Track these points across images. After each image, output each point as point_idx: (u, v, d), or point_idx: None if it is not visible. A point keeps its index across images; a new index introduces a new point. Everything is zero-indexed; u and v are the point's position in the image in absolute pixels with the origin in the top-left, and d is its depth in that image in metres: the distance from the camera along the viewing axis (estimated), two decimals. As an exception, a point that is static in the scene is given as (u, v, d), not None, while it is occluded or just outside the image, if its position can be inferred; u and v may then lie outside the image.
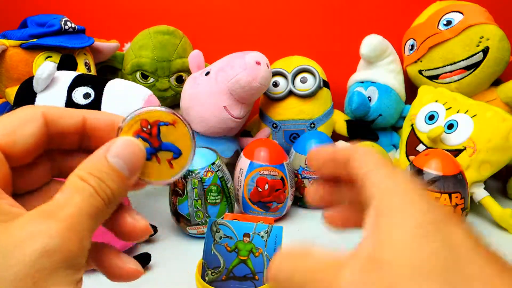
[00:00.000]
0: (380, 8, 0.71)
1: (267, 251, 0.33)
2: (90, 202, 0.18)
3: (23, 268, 0.15)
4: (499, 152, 0.48)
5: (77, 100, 0.36)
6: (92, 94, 0.37)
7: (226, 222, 0.34)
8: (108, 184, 0.19)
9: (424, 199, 0.18)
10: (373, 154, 0.22)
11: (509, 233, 0.48)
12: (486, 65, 0.57)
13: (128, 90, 0.38)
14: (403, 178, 0.19)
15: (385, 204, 0.18)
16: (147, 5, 0.71)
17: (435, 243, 0.16)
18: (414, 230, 0.16)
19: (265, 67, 0.53)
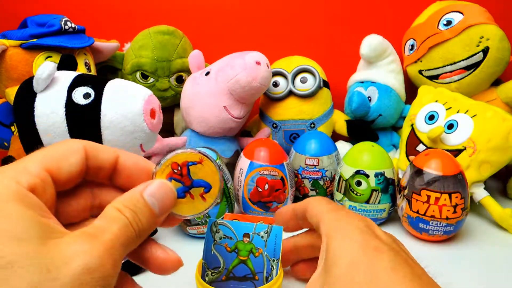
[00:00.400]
0: (380, 8, 0.71)
1: (267, 251, 0.33)
2: (124, 231, 0.21)
3: (69, 282, 0.17)
4: (499, 152, 0.48)
5: (77, 100, 0.36)
6: (92, 94, 0.36)
7: (225, 223, 0.34)
8: (141, 218, 0.22)
9: (359, 235, 0.25)
10: (323, 203, 0.30)
11: (509, 233, 0.48)
12: (486, 65, 0.57)
13: (128, 90, 0.37)
14: (346, 220, 0.27)
15: (331, 240, 0.26)
16: (147, 5, 0.71)
17: (361, 270, 0.23)
18: (347, 268, 0.24)
19: (265, 67, 0.53)
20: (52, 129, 0.35)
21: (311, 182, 0.52)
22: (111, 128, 0.36)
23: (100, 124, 0.36)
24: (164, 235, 0.47)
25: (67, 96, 0.36)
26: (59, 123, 0.35)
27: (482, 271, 0.40)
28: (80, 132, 0.36)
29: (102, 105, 0.36)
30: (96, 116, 0.36)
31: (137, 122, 0.36)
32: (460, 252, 0.44)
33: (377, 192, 0.47)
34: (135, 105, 0.36)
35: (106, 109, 0.36)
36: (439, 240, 0.45)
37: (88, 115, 0.36)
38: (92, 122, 0.36)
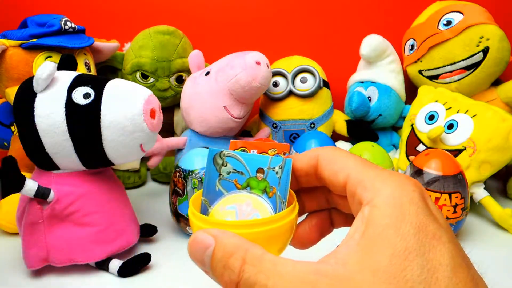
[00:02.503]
0: (380, 8, 0.71)
1: (279, 192, 0.27)
2: None
3: None
4: (499, 152, 0.48)
5: (77, 100, 0.36)
6: (92, 94, 0.36)
7: (235, 154, 0.28)
8: None
9: (415, 216, 0.18)
10: (346, 154, 0.23)
11: (509, 233, 0.48)
12: (486, 65, 0.57)
13: (128, 90, 0.37)
14: (396, 186, 0.20)
15: (377, 216, 0.19)
16: (147, 5, 0.71)
17: (414, 264, 0.17)
18: (394, 258, 0.17)
19: (265, 67, 0.53)
20: (52, 129, 0.35)
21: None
22: (111, 128, 0.36)
23: (100, 124, 0.36)
24: (164, 235, 0.47)
25: (67, 96, 0.35)
26: (59, 123, 0.35)
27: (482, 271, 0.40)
28: (80, 132, 0.36)
29: (102, 105, 0.36)
30: (96, 116, 0.35)
31: (137, 122, 0.36)
32: (460, 252, 0.44)
33: (377, 192, 0.46)
34: (135, 105, 0.36)
35: (106, 109, 0.36)
36: (439, 240, 0.45)
37: (88, 115, 0.35)
38: (92, 122, 0.35)
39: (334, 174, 0.23)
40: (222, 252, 0.20)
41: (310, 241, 0.27)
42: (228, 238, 0.20)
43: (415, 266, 0.17)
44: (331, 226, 0.28)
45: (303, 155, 0.26)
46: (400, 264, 0.17)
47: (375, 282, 0.17)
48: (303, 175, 0.26)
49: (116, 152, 0.37)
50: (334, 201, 0.26)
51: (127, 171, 0.62)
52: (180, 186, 0.44)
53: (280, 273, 0.18)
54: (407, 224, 0.18)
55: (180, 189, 0.44)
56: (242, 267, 0.19)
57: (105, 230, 0.39)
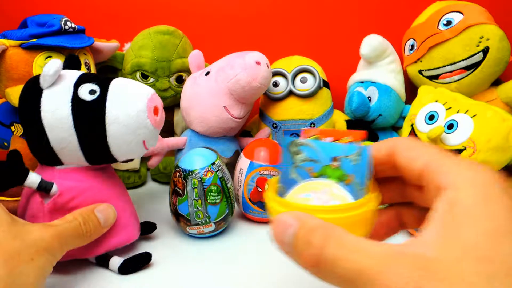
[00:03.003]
0: (380, 8, 0.71)
1: (357, 179, 0.26)
2: (74, 228, 0.35)
3: (30, 244, 0.31)
4: (499, 152, 0.48)
5: (82, 96, 0.36)
6: (97, 90, 0.37)
7: (310, 143, 0.27)
8: (90, 224, 0.37)
9: (501, 196, 0.18)
10: (423, 145, 0.23)
11: (509, 233, 0.48)
12: (486, 65, 0.57)
13: (132, 88, 0.38)
14: (480, 169, 0.19)
15: (462, 197, 0.18)
16: (147, 5, 0.71)
17: (504, 249, 0.16)
18: (485, 236, 0.16)
19: (265, 67, 0.53)
20: (58, 124, 0.36)
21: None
22: (116, 124, 0.36)
23: (105, 120, 0.36)
24: (164, 235, 0.47)
25: (73, 92, 0.36)
26: (65, 118, 0.36)
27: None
28: (85, 128, 0.36)
29: (107, 101, 0.37)
30: (101, 112, 0.36)
31: (141, 119, 0.37)
32: (460, 252, 0.44)
33: (377, 192, 0.46)
34: (139, 102, 0.37)
35: (111, 105, 0.36)
36: (439, 240, 0.45)
37: (93, 110, 0.36)
38: (97, 118, 0.36)
39: (412, 161, 0.22)
40: (305, 230, 0.20)
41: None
42: (311, 219, 0.21)
43: (507, 244, 0.16)
44: (399, 226, 0.27)
45: (379, 143, 0.25)
46: (491, 242, 0.16)
47: (465, 260, 0.16)
48: (378, 163, 0.25)
49: (119, 148, 0.38)
50: (409, 193, 0.26)
51: (127, 171, 0.62)
52: (180, 186, 0.44)
53: (364, 249, 0.18)
54: (495, 204, 0.17)
55: (180, 189, 0.44)
56: (325, 243, 0.19)
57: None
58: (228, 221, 0.47)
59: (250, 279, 0.39)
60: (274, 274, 0.40)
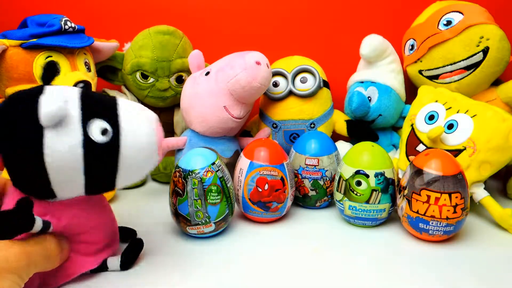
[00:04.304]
0: (380, 8, 0.71)
1: None
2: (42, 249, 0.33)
3: None
4: (499, 152, 0.48)
5: (95, 138, 0.32)
6: (109, 129, 0.33)
7: None
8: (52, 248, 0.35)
9: None
10: None
11: (509, 233, 0.48)
12: (486, 65, 0.57)
13: (142, 125, 0.35)
14: None
15: None
16: (147, 5, 0.71)
17: None
18: None
19: (265, 67, 0.53)
20: (65, 167, 0.32)
21: (311, 182, 0.52)
22: (128, 168, 0.34)
23: (118, 164, 0.34)
24: (164, 235, 0.47)
25: (83, 133, 0.32)
26: (75, 162, 0.32)
27: (482, 271, 0.40)
28: (97, 171, 0.33)
29: (122, 145, 0.33)
30: (116, 156, 0.33)
31: (153, 159, 0.36)
32: (460, 252, 0.44)
33: (377, 192, 0.47)
34: (152, 141, 0.35)
35: (125, 148, 0.33)
36: (439, 240, 0.45)
37: (108, 154, 0.33)
38: (111, 162, 0.33)
39: None
40: None
41: None
42: None
43: None
44: None
45: None
46: None
47: None
48: None
49: (124, 183, 0.36)
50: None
51: (127, 171, 0.62)
52: (180, 186, 0.44)
53: None
54: None
55: (180, 189, 0.44)
56: None
57: (97, 244, 0.39)
58: (228, 221, 0.47)
59: (250, 279, 0.39)
60: (274, 274, 0.40)
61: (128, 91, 0.65)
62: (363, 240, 0.47)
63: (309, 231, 0.49)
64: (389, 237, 0.47)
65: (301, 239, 0.47)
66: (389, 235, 0.48)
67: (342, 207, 0.49)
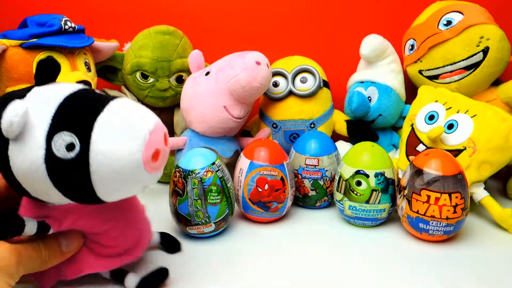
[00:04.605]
0: (380, 8, 0.71)
1: None
2: (33, 248, 0.32)
3: None
4: (499, 152, 0.48)
5: (59, 154, 0.28)
6: (76, 144, 0.28)
7: None
8: (49, 248, 0.33)
9: None
10: None
11: (509, 233, 0.48)
12: (486, 65, 0.57)
13: (122, 134, 0.28)
14: None
15: None
16: (147, 5, 0.71)
17: None
18: None
19: (265, 67, 0.53)
20: (33, 180, 0.29)
21: (311, 182, 0.52)
22: (104, 184, 0.29)
23: (90, 180, 0.28)
24: (164, 235, 0.47)
25: (46, 147, 0.28)
26: (40, 177, 0.29)
27: (482, 271, 0.40)
28: (67, 187, 0.29)
29: (91, 159, 0.28)
30: (85, 172, 0.28)
31: (137, 174, 0.29)
32: (460, 252, 0.44)
33: (377, 192, 0.47)
34: (133, 156, 0.28)
35: (96, 164, 0.28)
36: (439, 240, 0.45)
37: (74, 171, 0.28)
38: (80, 178, 0.28)
39: None
40: None
41: None
42: None
43: None
44: None
45: None
46: None
47: None
48: None
49: (112, 198, 0.31)
50: None
51: (127, 171, 0.62)
52: (180, 186, 0.44)
53: None
54: None
55: (180, 189, 0.44)
56: None
57: (112, 247, 0.36)
58: (228, 221, 0.47)
59: (250, 279, 0.39)
60: (274, 274, 0.40)
61: (128, 91, 0.65)
62: (363, 240, 0.47)
63: (309, 231, 0.49)
64: (389, 237, 0.47)
65: (301, 239, 0.47)
66: (389, 235, 0.48)
67: (342, 207, 0.49)
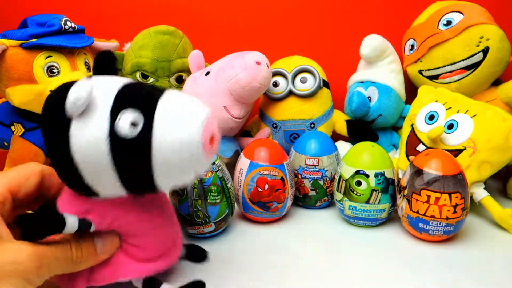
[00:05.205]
0: (380, 8, 0.71)
1: None
2: (62, 250, 0.30)
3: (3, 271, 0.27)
4: (499, 152, 0.48)
5: (122, 132, 0.28)
6: (140, 122, 0.28)
7: None
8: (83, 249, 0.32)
9: None
10: None
11: (509, 233, 0.48)
12: (486, 65, 0.57)
13: (184, 115, 0.28)
14: None
15: None
16: (147, 5, 0.71)
17: None
18: None
19: (265, 67, 0.53)
20: (93, 162, 0.29)
21: (311, 182, 0.52)
22: (164, 165, 0.29)
23: (151, 160, 0.28)
24: (164, 235, 0.47)
25: (109, 124, 0.28)
26: (102, 156, 0.28)
27: (482, 271, 0.40)
28: (128, 168, 0.29)
29: (153, 137, 0.28)
30: (147, 151, 0.28)
31: (195, 155, 0.29)
32: (460, 252, 0.44)
33: (377, 192, 0.47)
34: (193, 137, 0.28)
35: (158, 143, 0.28)
36: (439, 240, 0.45)
37: (137, 151, 0.28)
38: (142, 158, 0.28)
39: None
40: None
41: None
42: None
43: None
44: None
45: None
46: None
47: None
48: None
49: (168, 183, 0.31)
50: None
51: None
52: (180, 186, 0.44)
53: None
54: None
55: (180, 189, 0.44)
56: None
57: (147, 250, 0.35)
58: (228, 221, 0.47)
59: (250, 279, 0.39)
60: (274, 274, 0.40)
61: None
62: (363, 240, 0.47)
63: (309, 231, 0.49)
64: (389, 237, 0.47)
65: (301, 239, 0.47)
66: (389, 235, 0.48)
67: (342, 207, 0.49)
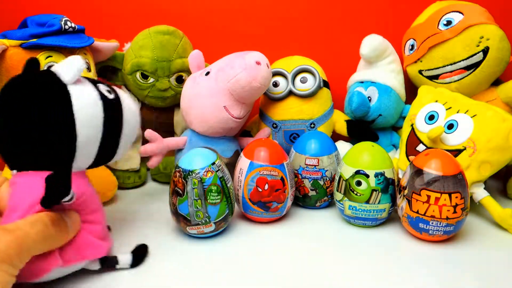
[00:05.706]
0: (380, 8, 0.71)
1: None
2: (41, 230, 0.32)
3: None
4: (499, 152, 0.48)
5: (106, 94, 0.37)
6: (111, 90, 0.38)
7: None
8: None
9: None
10: None
11: (509, 233, 0.48)
12: (486, 65, 0.57)
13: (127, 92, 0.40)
14: None
15: None
16: (147, 5, 0.71)
17: None
18: None
19: (265, 67, 0.53)
20: (91, 120, 0.35)
21: (311, 182, 0.52)
22: (127, 124, 0.38)
23: (122, 119, 0.38)
24: (164, 235, 0.47)
25: (96, 89, 0.36)
26: (98, 114, 0.35)
27: (482, 271, 0.40)
28: (111, 126, 0.37)
29: (122, 101, 0.38)
30: (121, 112, 0.38)
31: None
32: (460, 252, 0.44)
33: (377, 192, 0.47)
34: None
35: (125, 105, 0.38)
36: (439, 240, 0.45)
37: (116, 109, 0.37)
38: (118, 116, 0.38)
39: None
40: None
41: None
42: None
43: None
44: None
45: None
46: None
47: None
48: None
49: (125, 147, 0.40)
50: None
51: (127, 171, 0.62)
52: (180, 186, 0.44)
53: None
54: None
55: (180, 189, 0.44)
56: None
57: (104, 227, 0.40)
58: (228, 221, 0.47)
59: (250, 279, 0.39)
60: (274, 274, 0.40)
61: (128, 91, 0.65)
62: (363, 240, 0.47)
63: (309, 231, 0.49)
64: (389, 237, 0.47)
65: (301, 239, 0.47)
66: (389, 235, 0.48)
67: (342, 207, 0.49)
